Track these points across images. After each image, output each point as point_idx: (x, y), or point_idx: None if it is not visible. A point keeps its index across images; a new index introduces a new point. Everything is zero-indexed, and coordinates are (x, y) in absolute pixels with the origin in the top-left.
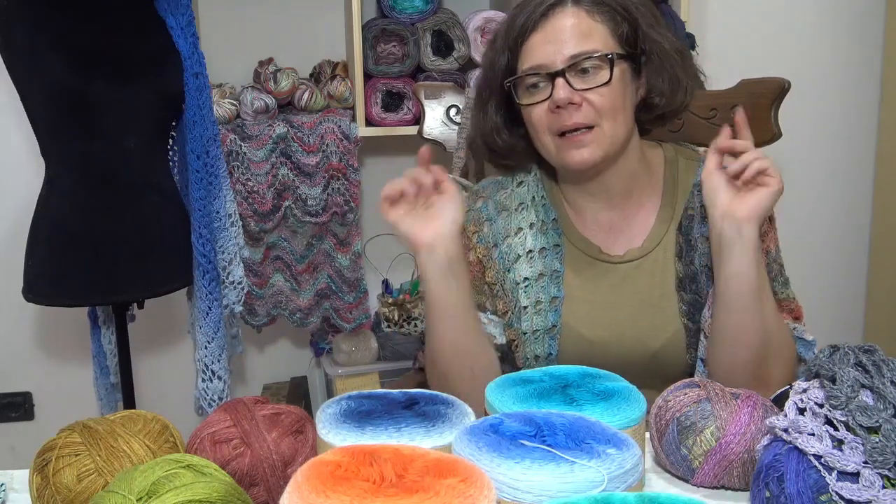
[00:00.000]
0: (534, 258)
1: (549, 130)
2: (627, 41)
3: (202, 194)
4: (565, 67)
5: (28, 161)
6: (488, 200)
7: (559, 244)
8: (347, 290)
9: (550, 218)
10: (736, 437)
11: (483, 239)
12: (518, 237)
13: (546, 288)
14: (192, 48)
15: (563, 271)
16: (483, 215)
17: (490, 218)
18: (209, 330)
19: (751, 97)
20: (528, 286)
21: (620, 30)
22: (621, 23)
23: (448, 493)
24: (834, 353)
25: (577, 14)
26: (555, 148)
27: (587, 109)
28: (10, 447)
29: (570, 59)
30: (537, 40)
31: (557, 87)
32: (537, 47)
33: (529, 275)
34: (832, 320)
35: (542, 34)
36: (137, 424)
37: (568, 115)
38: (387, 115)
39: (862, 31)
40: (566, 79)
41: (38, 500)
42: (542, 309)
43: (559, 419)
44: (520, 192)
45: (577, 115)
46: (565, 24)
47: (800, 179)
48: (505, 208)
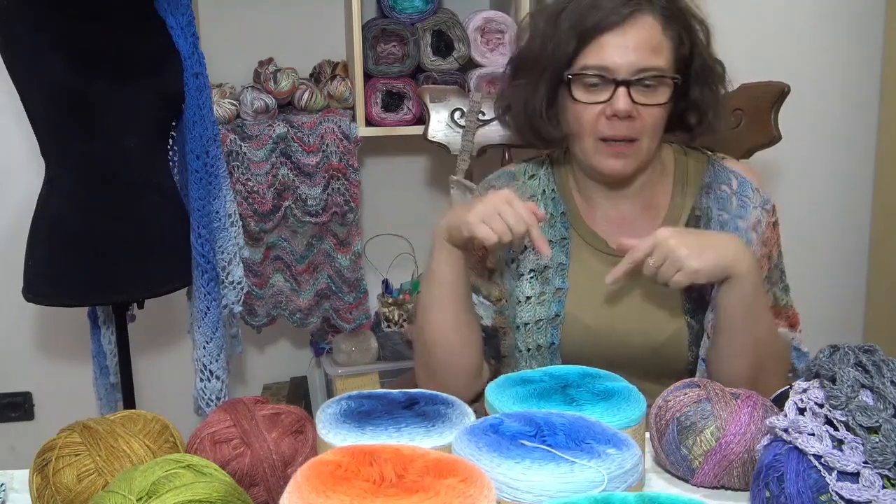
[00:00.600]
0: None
1: (594, 134)
2: (684, 60)
3: (202, 194)
4: (631, 78)
5: (28, 161)
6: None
7: (566, 237)
8: (347, 291)
9: (559, 211)
10: (736, 437)
11: None
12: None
13: (551, 280)
14: (192, 48)
15: (568, 264)
16: None
17: None
18: (207, 330)
19: (751, 101)
20: (532, 277)
21: (683, 50)
22: (685, 42)
23: (448, 493)
24: (834, 353)
25: (653, 25)
26: (593, 150)
27: (638, 124)
28: (10, 447)
29: (639, 71)
30: (611, 41)
31: (620, 96)
32: (609, 48)
33: (535, 267)
34: (832, 320)
35: (618, 37)
36: (137, 424)
37: (620, 126)
38: (387, 115)
39: (862, 32)
40: (629, 90)
41: (38, 500)
42: (546, 300)
43: (559, 419)
44: (531, 184)
45: (629, 127)
46: (641, 32)
47: (800, 180)
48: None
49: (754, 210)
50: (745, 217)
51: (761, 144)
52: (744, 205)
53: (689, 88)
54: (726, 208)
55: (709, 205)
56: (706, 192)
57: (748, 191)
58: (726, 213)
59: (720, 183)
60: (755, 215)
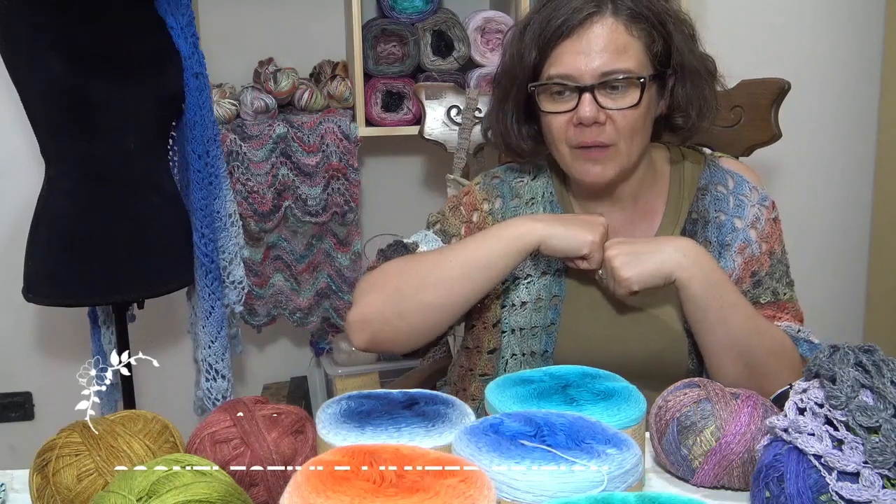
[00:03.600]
0: (538, 256)
1: (567, 143)
2: (660, 59)
3: (203, 194)
4: (595, 84)
5: (28, 161)
6: (503, 182)
7: None
8: (347, 290)
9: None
10: (736, 437)
11: (493, 212)
12: None
13: (548, 286)
14: (192, 48)
15: (565, 270)
16: (498, 191)
17: (504, 195)
18: (212, 329)
19: (751, 97)
20: (529, 283)
21: (655, 48)
22: (657, 39)
23: (448, 493)
24: (834, 353)
25: (614, 27)
26: (570, 158)
27: (609, 129)
28: (10, 447)
29: (602, 75)
30: (570, 48)
31: (584, 103)
32: (569, 55)
33: (533, 272)
34: (832, 320)
35: (575, 42)
36: (137, 424)
37: (589, 133)
38: (387, 115)
39: (862, 31)
40: (594, 96)
41: (38, 500)
42: (542, 306)
43: (559, 419)
44: (534, 185)
45: (598, 133)
46: (601, 35)
47: (800, 179)
48: (518, 195)
49: (752, 208)
50: (743, 216)
51: (761, 142)
52: (741, 204)
53: (673, 88)
54: (724, 209)
55: (706, 207)
56: (703, 195)
57: (745, 189)
58: (724, 214)
59: (717, 184)
60: (753, 213)
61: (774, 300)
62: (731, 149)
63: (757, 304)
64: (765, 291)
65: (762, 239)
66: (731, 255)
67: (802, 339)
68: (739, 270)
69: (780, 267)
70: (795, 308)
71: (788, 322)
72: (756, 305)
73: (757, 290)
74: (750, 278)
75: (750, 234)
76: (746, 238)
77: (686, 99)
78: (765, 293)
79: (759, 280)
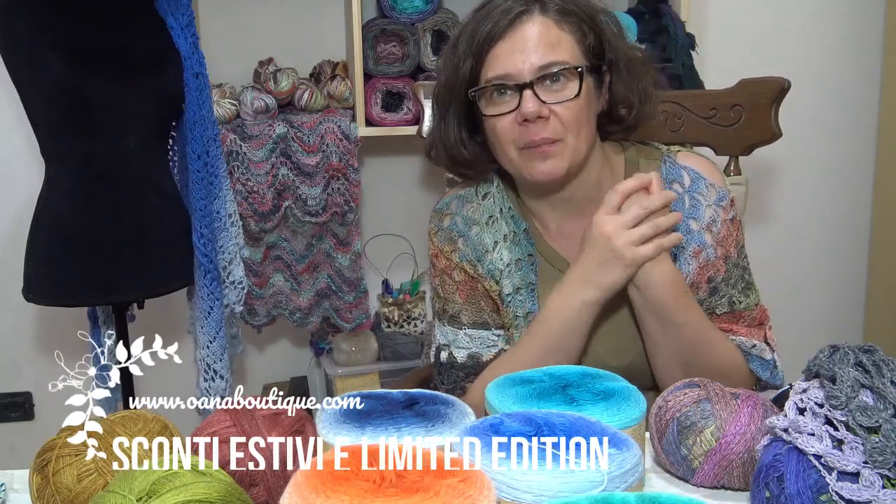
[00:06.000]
0: (512, 271)
1: (514, 143)
2: (593, 52)
3: (203, 194)
4: (534, 79)
5: (28, 161)
6: (455, 217)
7: (532, 254)
8: (347, 290)
9: (521, 228)
10: (736, 437)
11: (463, 255)
12: (496, 252)
13: (523, 303)
14: (192, 48)
15: (537, 283)
16: (454, 232)
17: (462, 233)
18: (211, 330)
19: (751, 97)
20: (510, 301)
21: (587, 41)
22: (588, 33)
23: (448, 493)
24: (834, 353)
25: (544, 23)
26: (520, 160)
27: (554, 123)
28: (10, 447)
29: (539, 69)
30: (504, 49)
31: (526, 99)
32: (504, 56)
33: (510, 290)
34: (832, 320)
35: (509, 43)
36: (137, 424)
37: (535, 129)
38: (387, 115)
39: (862, 31)
40: (534, 91)
41: (38, 500)
42: (519, 325)
43: (559, 419)
44: (486, 204)
45: (544, 129)
46: (533, 33)
47: (799, 179)
48: (475, 222)
49: (708, 209)
50: (698, 217)
51: (761, 141)
52: (696, 204)
53: (611, 81)
54: (679, 209)
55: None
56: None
57: (701, 187)
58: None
59: (671, 181)
60: (709, 214)
61: (730, 310)
62: (730, 147)
63: (713, 315)
64: (721, 301)
65: (718, 243)
66: (685, 259)
67: (756, 354)
68: (694, 275)
69: (735, 271)
70: (752, 315)
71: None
72: (712, 316)
73: (713, 299)
74: (706, 284)
75: (705, 238)
76: (701, 242)
77: (625, 89)
78: (721, 303)
79: (715, 287)
